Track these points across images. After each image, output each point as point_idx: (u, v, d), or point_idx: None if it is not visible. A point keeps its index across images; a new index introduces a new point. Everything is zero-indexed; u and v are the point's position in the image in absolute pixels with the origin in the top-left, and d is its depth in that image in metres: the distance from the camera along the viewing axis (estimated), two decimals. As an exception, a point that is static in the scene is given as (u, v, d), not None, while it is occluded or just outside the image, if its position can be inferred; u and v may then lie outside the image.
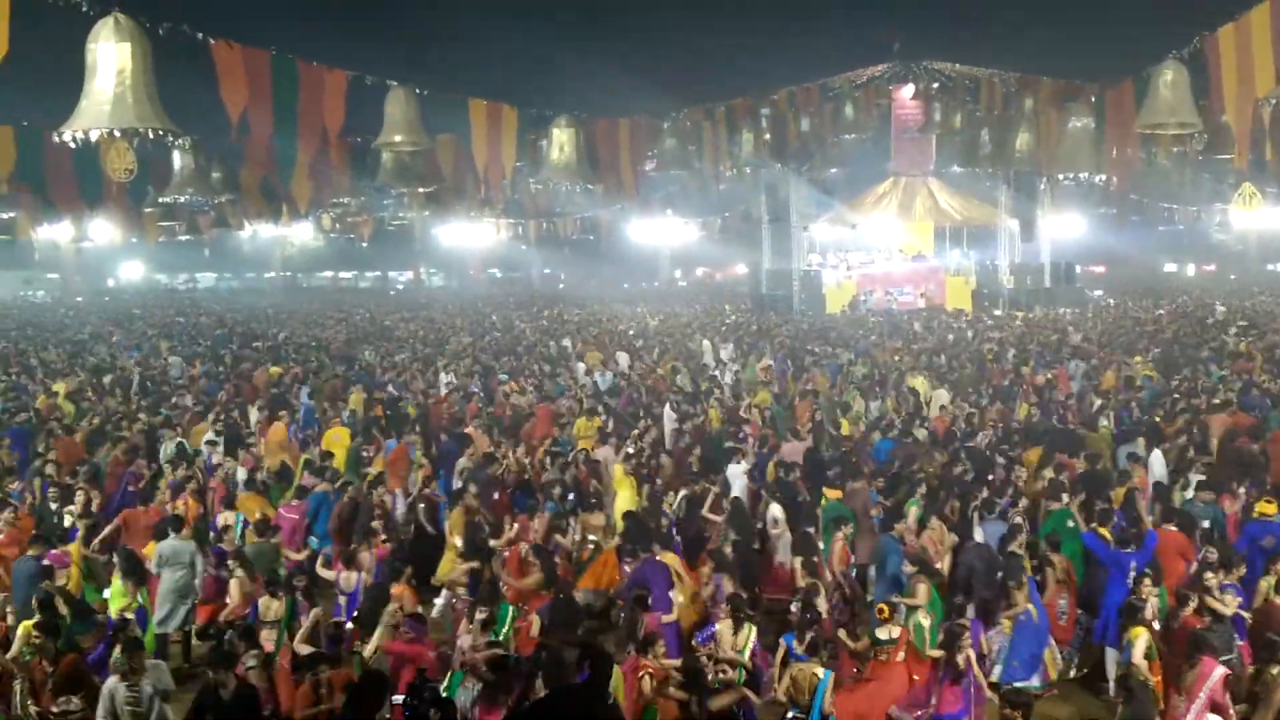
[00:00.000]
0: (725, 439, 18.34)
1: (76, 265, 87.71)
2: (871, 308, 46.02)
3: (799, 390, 23.14)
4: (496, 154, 22.67)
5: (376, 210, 44.88)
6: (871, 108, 46.76)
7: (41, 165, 23.42)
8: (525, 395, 23.43)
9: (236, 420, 20.62)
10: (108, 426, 19.76)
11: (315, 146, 19.63)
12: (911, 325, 37.13)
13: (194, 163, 23.95)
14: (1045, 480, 14.50)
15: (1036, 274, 49.54)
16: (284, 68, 17.23)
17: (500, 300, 68.73)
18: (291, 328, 44.37)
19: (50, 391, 23.78)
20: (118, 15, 12.62)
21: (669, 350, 31.43)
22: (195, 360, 30.60)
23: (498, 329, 41.47)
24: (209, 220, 38.13)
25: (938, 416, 19.96)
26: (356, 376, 26.45)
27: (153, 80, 12.76)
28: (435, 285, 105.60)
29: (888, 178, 51.64)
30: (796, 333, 35.67)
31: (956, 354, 28.54)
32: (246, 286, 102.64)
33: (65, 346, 36.18)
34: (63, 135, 12.61)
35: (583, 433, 19.03)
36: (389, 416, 21.23)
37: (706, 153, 35.97)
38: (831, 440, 18.88)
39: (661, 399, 22.18)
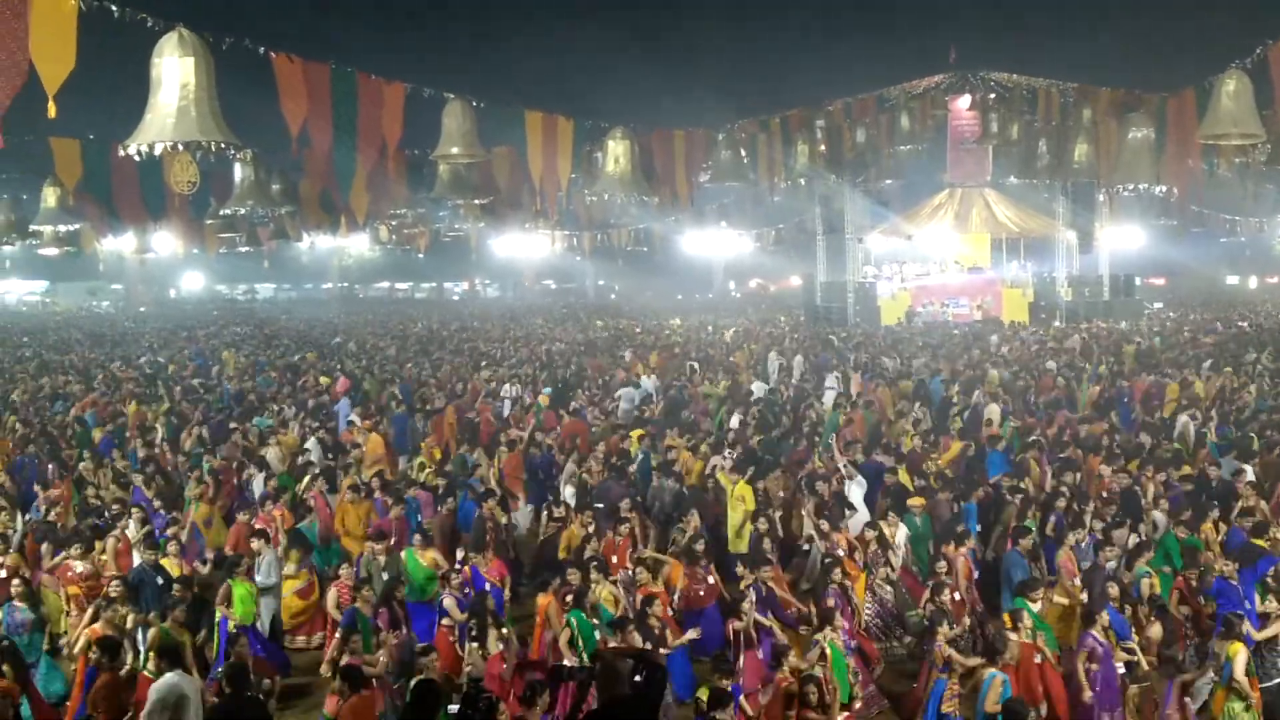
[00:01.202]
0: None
1: (140, 276, 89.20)
2: (927, 320, 45.72)
3: (861, 402, 22.93)
4: (552, 166, 22.78)
5: (433, 222, 45.15)
6: (928, 118, 46.42)
7: (107, 178, 23.89)
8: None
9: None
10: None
11: (374, 159, 19.83)
12: (988, 337, 36.86)
13: (254, 175, 24.17)
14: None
15: (1095, 286, 48.98)
16: (343, 81, 17.43)
17: (554, 311, 68.97)
18: (359, 338, 44.89)
19: (143, 400, 24.44)
20: (182, 30, 12.80)
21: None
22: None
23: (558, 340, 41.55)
24: (268, 232, 38.61)
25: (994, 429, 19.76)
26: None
27: (215, 94, 12.93)
28: (490, 296, 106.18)
29: (944, 189, 51.29)
30: (863, 343, 35.57)
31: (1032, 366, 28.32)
32: (304, 297, 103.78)
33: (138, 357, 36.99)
34: (128, 148, 12.78)
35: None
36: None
37: (761, 164, 35.87)
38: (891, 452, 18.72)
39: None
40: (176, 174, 17.94)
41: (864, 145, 43.34)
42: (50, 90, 11.90)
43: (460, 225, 46.17)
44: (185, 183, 17.67)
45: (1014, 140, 43.68)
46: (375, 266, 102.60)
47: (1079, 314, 46.03)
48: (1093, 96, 36.76)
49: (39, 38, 11.63)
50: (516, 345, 39.91)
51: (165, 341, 43.30)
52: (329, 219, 33.31)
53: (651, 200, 27.81)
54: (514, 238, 57.15)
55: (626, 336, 43.27)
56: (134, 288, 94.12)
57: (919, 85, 47.16)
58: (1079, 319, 45.05)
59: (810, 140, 39.45)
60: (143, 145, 12.62)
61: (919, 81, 47.27)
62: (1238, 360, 28.40)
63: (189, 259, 79.78)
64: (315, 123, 16.91)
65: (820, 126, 40.40)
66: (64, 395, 26.45)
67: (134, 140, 12.64)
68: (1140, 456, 17.15)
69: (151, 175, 22.71)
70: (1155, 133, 27.31)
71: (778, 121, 36.86)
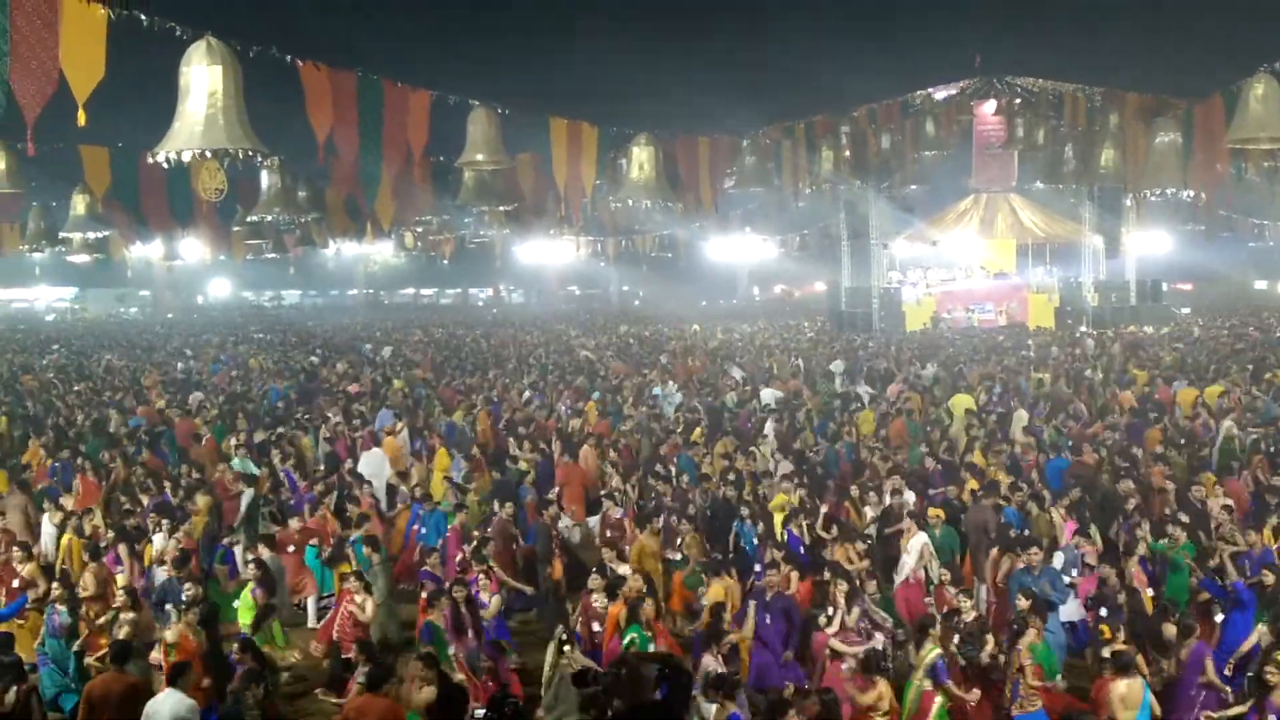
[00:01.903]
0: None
1: (168, 283, 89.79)
2: (951, 325, 45.58)
3: (896, 409, 22.79)
4: (576, 172, 22.82)
5: (458, 228, 45.29)
6: (953, 124, 46.35)
7: (136, 185, 24.08)
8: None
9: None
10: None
11: (399, 166, 19.92)
12: (1025, 342, 36.71)
13: (281, 182, 24.32)
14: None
15: (1122, 291, 48.72)
16: (370, 88, 17.52)
17: (577, 316, 69.05)
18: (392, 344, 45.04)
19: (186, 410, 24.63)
20: (210, 39, 12.89)
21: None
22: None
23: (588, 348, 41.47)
24: (295, 239, 38.80)
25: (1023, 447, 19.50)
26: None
27: (243, 102, 13.01)
28: (515, 302, 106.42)
29: (969, 194, 51.15)
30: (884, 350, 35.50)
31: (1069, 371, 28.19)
32: (330, 303, 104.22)
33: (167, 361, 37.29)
34: (157, 156, 12.87)
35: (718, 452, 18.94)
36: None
37: (786, 170, 35.87)
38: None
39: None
40: (204, 181, 18.12)
41: (889, 151, 43.29)
42: (80, 98, 12.01)
43: (485, 232, 46.31)
44: (213, 190, 17.84)
45: (1040, 145, 43.54)
46: (401, 273, 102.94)
47: (1105, 319, 45.78)
48: (1119, 101, 36.60)
49: (69, 47, 11.75)
50: (549, 352, 39.85)
51: (197, 350, 43.55)
52: (355, 226, 33.50)
53: (676, 206, 27.82)
54: (539, 244, 57.33)
55: (658, 343, 43.11)
56: (162, 294, 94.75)
57: (944, 91, 47.11)
58: (1105, 324, 44.80)
59: (835, 146, 39.43)
60: (171, 153, 12.71)
61: (944, 87, 47.25)
62: (1260, 367, 28.10)
63: (216, 265, 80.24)
64: (341, 130, 17.00)
65: (845, 132, 40.39)
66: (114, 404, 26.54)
67: (162, 148, 12.74)
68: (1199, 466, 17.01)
69: (180, 183, 22.95)
70: (1183, 137, 27.13)
71: (802, 127, 36.86)
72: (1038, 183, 47.59)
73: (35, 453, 20.18)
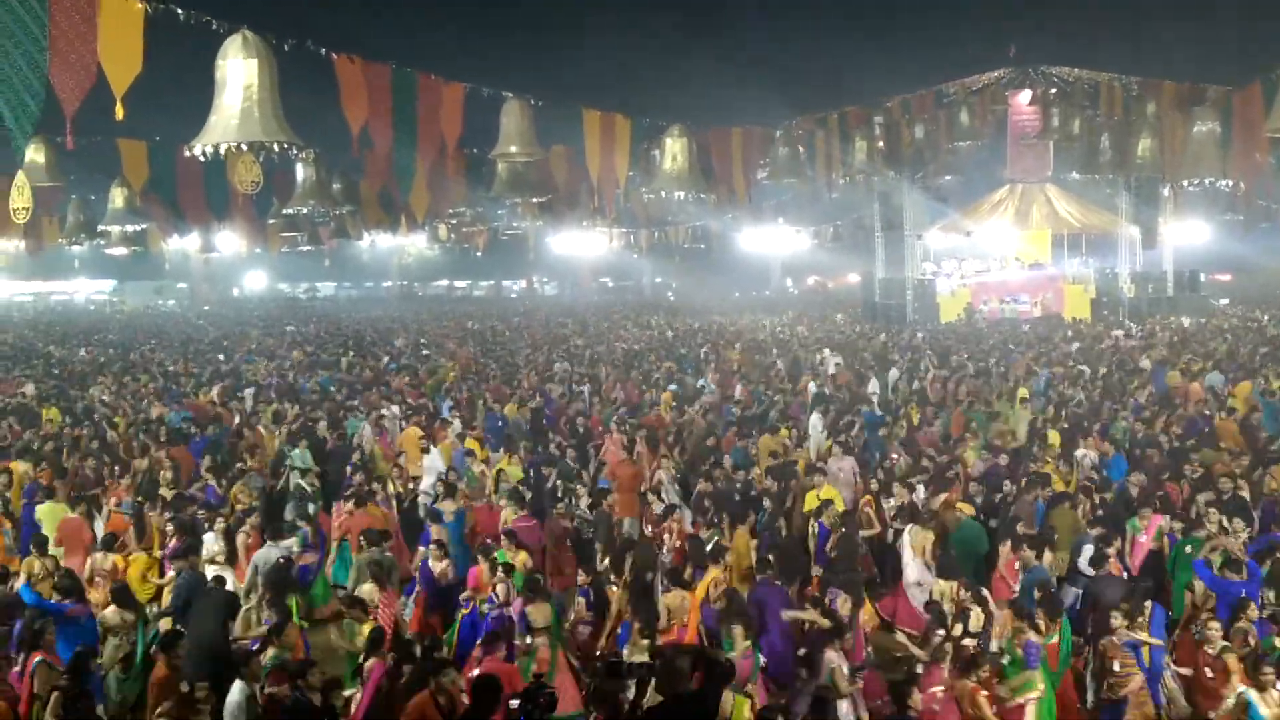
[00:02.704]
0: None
1: (204, 275, 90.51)
2: (986, 317, 45.32)
3: (955, 400, 22.48)
4: (610, 164, 22.84)
5: (491, 220, 45.42)
6: (987, 114, 46.10)
7: (173, 179, 24.32)
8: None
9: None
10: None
11: (433, 158, 20.03)
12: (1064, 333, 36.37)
13: (316, 175, 24.50)
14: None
15: (1159, 282, 48.26)
16: (404, 81, 17.61)
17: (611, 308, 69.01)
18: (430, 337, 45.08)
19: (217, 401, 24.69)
20: (246, 33, 13.00)
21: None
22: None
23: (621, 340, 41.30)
24: (329, 231, 39.07)
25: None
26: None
27: (278, 95, 13.12)
28: (548, 294, 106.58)
29: (1004, 185, 50.82)
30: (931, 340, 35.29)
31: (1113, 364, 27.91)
32: (364, 295, 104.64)
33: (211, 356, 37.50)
34: (193, 149, 13.00)
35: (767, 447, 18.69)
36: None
37: (819, 161, 35.81)
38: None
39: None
40: (240, 174, 18.26)
41: (923, 141, 43.10)
42: (118, 92, 12.14)
43: (518, 223, 46.44)
44: (249, 182, 17.98)
45: (1075, 135, 43.22)
46: (435, 265, 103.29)
47: (1142, 311, 45.38)
48: (1156, 90, 36.33)
49: (107, 41, 11.87)
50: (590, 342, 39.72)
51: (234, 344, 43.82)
52: (389, 218, 33.67)
53: (709, 197, 27.85)
54: (572, 236, 57.36)
55: (703, 334, 42.92)
56: (199, 287, 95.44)
57: (979, 81, 46.87)
58: (1142, 316, 44.41)
59: (869, 137, 39.30)
60: (207, 146, 12.84)
61: (979, 77, 46.98)
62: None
63: (252, 258, 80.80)
64: (376, 123, 17.11)
65: (879, 123, 40.27)
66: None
67: (199, 141, 12.87)
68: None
69: (216, 176, 23.08)
70: (1221, 126, 26.92)
71: (836, 118, 36.78)
72: (1073, 173, 47.23)
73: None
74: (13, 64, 10.97)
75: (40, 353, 38.89)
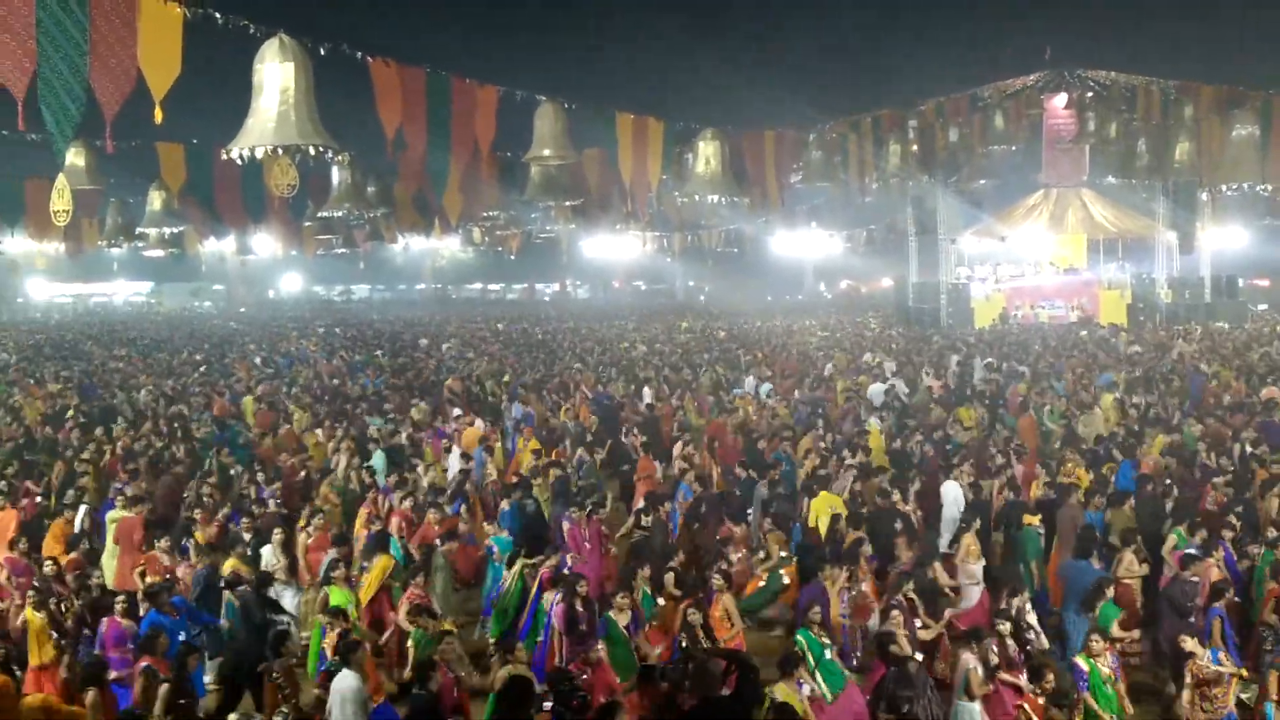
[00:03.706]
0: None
1: (240, 277, 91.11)
2: (1020, 322, 45.09)
3: (1021, 404, 22.23)
4: (642, 167, 22.88)
5: (524, 223, 45.59)
6: (1022, 118, 45.85)
7: (210, 182, 24.54)
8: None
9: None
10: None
11: (467, 161, 20.10)
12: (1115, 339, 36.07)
13: (351, 178, 24.69)
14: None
15: (1196, 288, 47.83)
16: (438, 84, 17.71)
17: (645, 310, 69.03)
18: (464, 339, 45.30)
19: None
20: (283, 37, 13.11)
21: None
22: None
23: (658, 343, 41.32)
24: (364, 234, 39.31)
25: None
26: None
27: (314, 99, 13.22)
28: (581, 297, 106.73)
29: (1039, 189, 50.52)
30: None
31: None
32: (398, 298, 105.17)
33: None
34: (230, 153, 13.11)
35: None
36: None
37: (852, 165, 35.72)
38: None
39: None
40: (276, 177, 18.36)
41: (957, 145, 42.93)
42: (157, 96, 12.27)
43: (551, 227, 46.61)
44: (285, 186, 18.07)
45: (1112, 139, 42.95)
46: (468, 268, 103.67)
47: (1179, 316, 45.00)
48: (1194, 93, 36.06)
49: (146, 46, 12.00)
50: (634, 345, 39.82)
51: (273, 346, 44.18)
52: (423, 221, 33.83)
53: (742, 201, 27.80)
54: (605, 239, 57.51)
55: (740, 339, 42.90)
56: (235, 288, 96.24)
57: (1014, 84, 46.62)
58: (1179, 321, 44.03)
59: (902, 140, 39.19)
60: (244, 149, 12.94)
61: (1013, 80, 46.72)
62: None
63: (287, 260, 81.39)
64: (410, 126, 17.21)
65: (912, 126, 40.13)
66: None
67: (236, 144, 12.98)
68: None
69: (252, 178, 23.30)
70: (1260, 130, 26.68)
71: (869, 122, 36.69)
72: (1109, 177, 46.91)
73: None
74: (54, 69, 11.11)
75: (82, 353, 39.38)
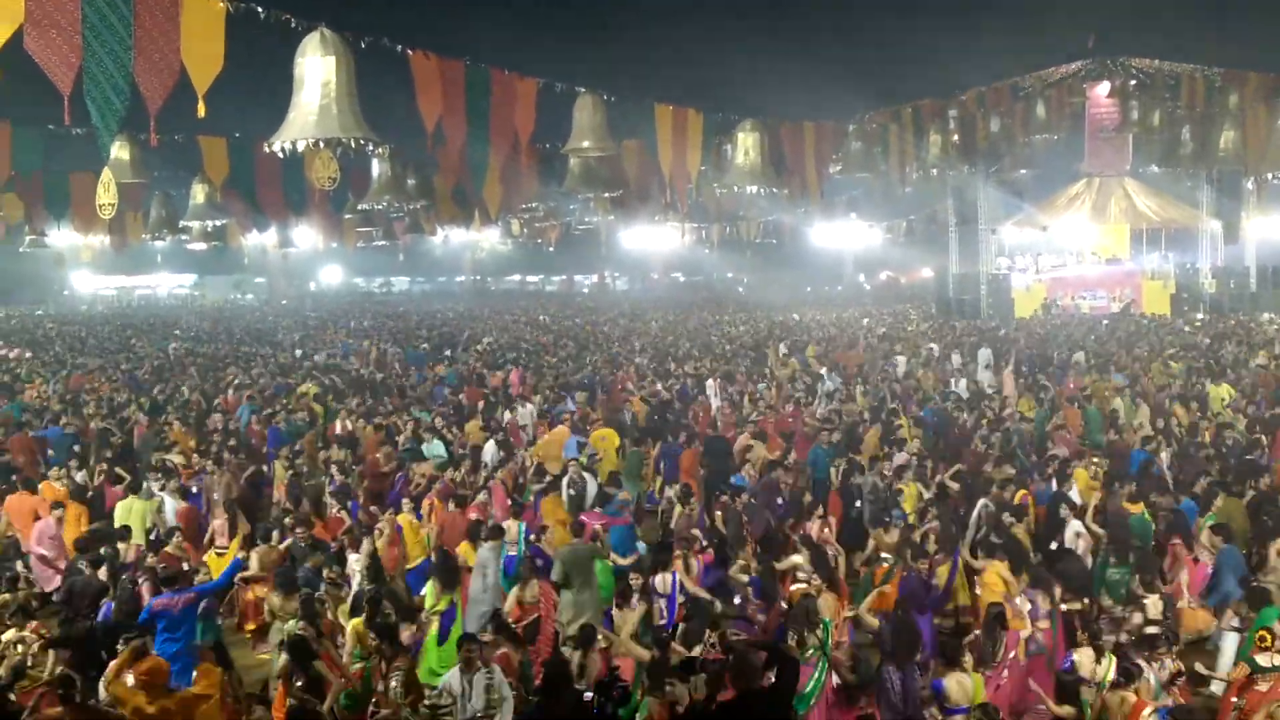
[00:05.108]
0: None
1: (282, 270, 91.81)
2: (1062, 312, 44.76)
3: (1066, 397, 22.26)
4: (682, 158, 22.82)
5: (563, 215, 45.61)
6: (1064, 107, 45.43)
7: (252, 175, 24.66)
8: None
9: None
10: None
11: (506, 153, 20.09)
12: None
13: (391, 171, 24.71)
14: None
15: (1241, 278, 47.37)
16: (478, 77, 17.71)
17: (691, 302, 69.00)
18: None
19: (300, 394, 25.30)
20: (324, 30, 13.14)
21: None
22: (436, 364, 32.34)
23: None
24: (404, 226, 39.40)
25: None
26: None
27: (355, 92, 13.25)
28: (619, 289, 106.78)
29: (1081, 178, 50.15)
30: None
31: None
32: (438, 290, 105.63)
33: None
34: (272, 146, 13.15)
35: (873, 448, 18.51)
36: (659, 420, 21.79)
37: (892, 155, 35.50)
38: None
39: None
40: (318, 170, 18.50)
41: (998, 135, 42.59)
42: (200, 90, 12.35)
43: (590, 218, 46.53)
44: (326, 179, 18.21)
45: (1155, 128, 42.52)
46: (507, 259, 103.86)
47: (1224, 307, 44.51)
48: (1240, 81, 35.64)
49: (189, 40, 12.09)
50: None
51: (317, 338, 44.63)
52: (462, 213, 33.89)
53: (781, 192, 27.67)
54: (643, 230, 57.45)
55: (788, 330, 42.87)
56: (276, 281, 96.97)
57: (1056, 73, 46.25)
58: (1224, 312, 43.56)
59: (943, 130, 38.91)
60: (286, 143, 12.99)
61: (1056, 69, 46.37)
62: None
63: (328, 253, 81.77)
64: (450, 119, 17.22)
65: (953, 116, 39.84)
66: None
67: (278, 138, 13.03)
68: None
69: (294, 172, 23.46)
70: (1307, 118, 26.30)
71: (909, 111, 36.47)
72: (1153, 166, 46.46)
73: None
74: (100, 64, 11.20)
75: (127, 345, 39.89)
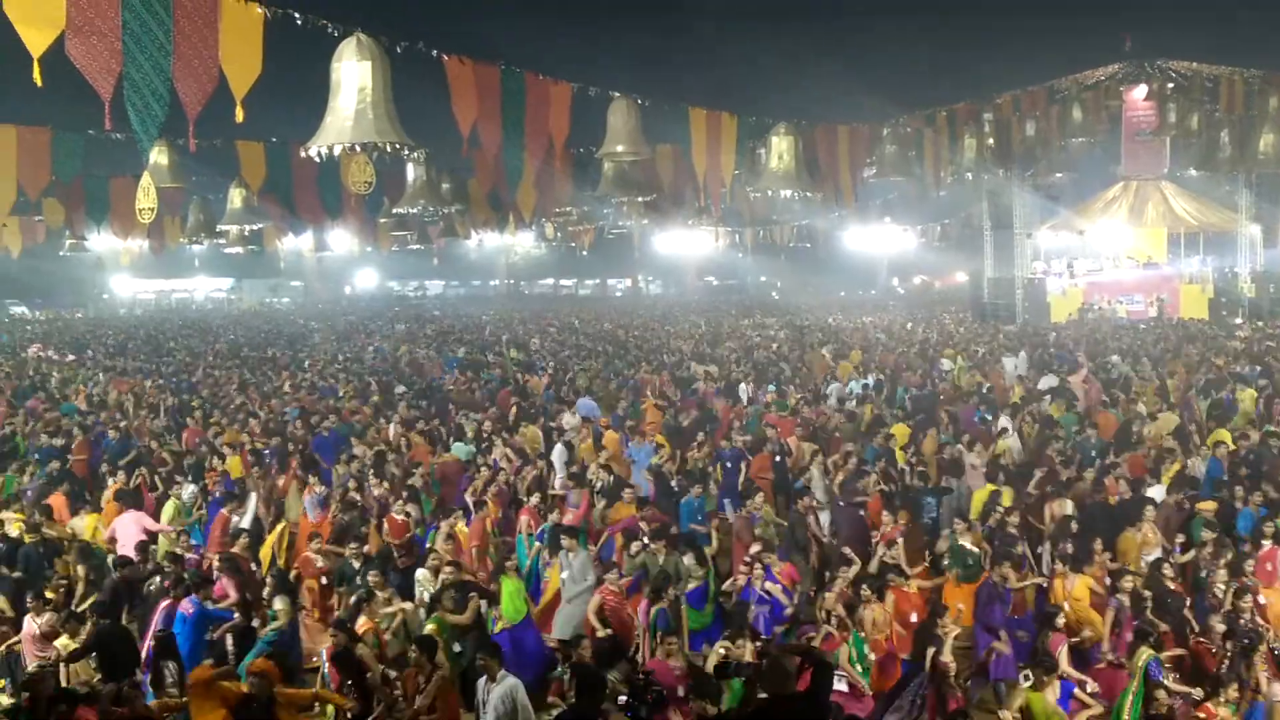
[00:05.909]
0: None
1: (318, 273, 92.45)
2: (1098, 316, 44.44)
3: (1100, 401, 22.26)
4: (715, 162, 22.81)
5: (597, 219, 45.66)
6: (1101, 110, 45.07)
7: (289, 179, 24.84)
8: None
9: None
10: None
11: (540, 157, 20.16)
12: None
13: (426, 175, 24.80)
14: None
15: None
16: (512, 81, 17.77)
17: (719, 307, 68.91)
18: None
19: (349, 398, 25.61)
20: (360, 35, 13.22)
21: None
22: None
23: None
24: (439, 230, 39.60)
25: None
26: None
27: (391, 97, 13.32)
28: (653, 293, 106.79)
29: (1118, 182, 49.76)
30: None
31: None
32: (472, 294, 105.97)
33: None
34: (309, 150, 13.24)
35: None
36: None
37: (927, 159, 35.33)
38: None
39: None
40: (354, 174, 18.63)
41: (1034, 138, 42.29)
42: (238, 96, 12.45)
43: (624, 222, 46.61)
44: (362, 183, 18.33)
45: (1193, 131, 42.18)
46: (541, 263, 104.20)
47: (1263, 311, 44.08)
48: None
49: (228, 45, 12.19)
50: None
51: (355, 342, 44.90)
52: (497, 217, 34.05)
53: (815, 196, 27.64)
54: (677, 234, 57.52)
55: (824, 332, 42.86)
56: (312, 285, 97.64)
57: (1092, 76, 45.88)
58: (1263, 317, 43.12)
59: (978, 134, 38.69)
60: (322, 147, 13.07)
61: (1092, 72, 46.00)
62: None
63: (363, 257, 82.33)
64: (485, 123, 17.28)
65: (988, 120, 39.61)
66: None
67: (314, 142, 13.11)
68: None
69: (330, 176, 23.61)
70: (1348, 121, 26.02)
71: (944, 115, 36.26)
72: (1191, 170, 46.06)
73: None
74: (139, 70, 11.30)
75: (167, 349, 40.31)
